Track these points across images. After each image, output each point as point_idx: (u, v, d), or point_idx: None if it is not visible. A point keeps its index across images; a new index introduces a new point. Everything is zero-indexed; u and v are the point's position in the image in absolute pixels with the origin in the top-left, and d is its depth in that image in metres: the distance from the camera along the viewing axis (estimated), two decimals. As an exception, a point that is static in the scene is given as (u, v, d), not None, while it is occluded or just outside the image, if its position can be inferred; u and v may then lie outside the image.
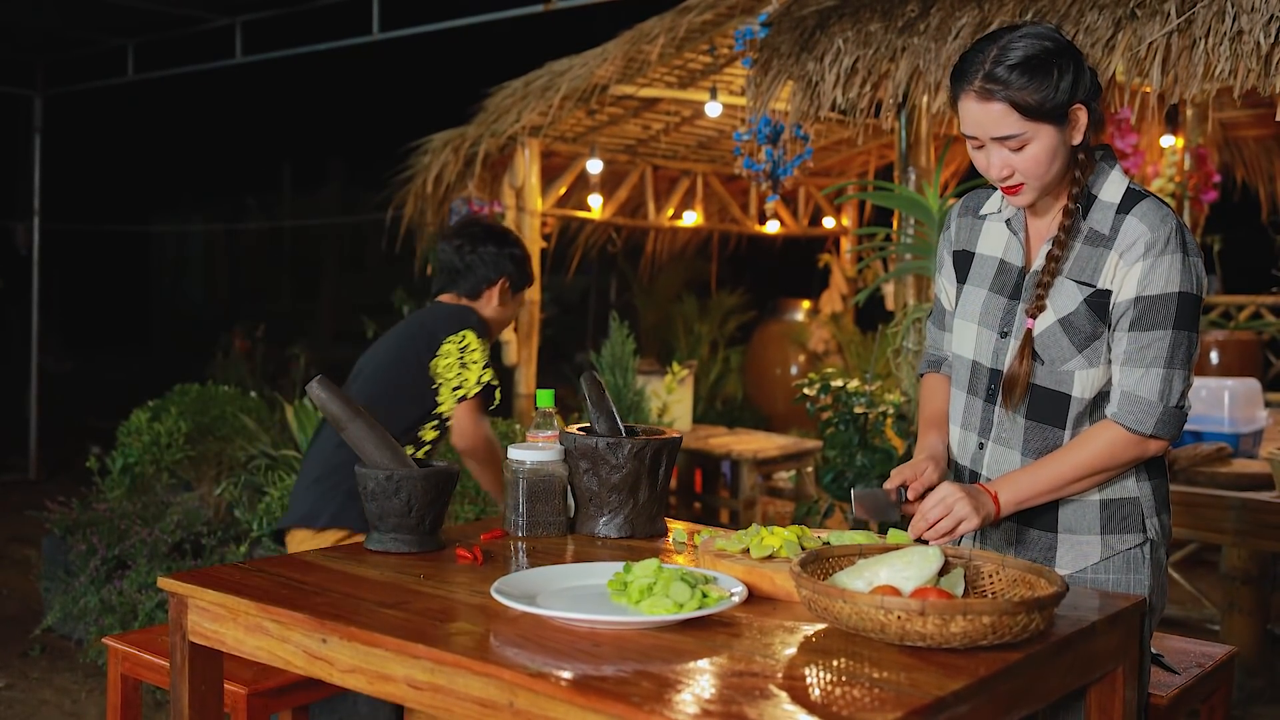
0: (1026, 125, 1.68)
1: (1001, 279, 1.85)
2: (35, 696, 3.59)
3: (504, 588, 1.56)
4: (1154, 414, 1.71)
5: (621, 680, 1.28)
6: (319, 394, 1.89)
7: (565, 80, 5.00)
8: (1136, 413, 1.72)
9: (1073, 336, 1.76)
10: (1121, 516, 1.79)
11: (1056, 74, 1.68)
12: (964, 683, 1.29)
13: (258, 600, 1.58)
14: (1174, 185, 5.33)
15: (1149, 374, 1.71)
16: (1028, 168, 1.72)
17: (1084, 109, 1.71)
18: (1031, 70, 1.67)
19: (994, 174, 1.75)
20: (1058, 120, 1.70)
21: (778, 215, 7.11)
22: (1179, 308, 1.70)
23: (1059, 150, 1.72)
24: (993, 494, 1.73)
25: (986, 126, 1.71)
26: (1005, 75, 1.67)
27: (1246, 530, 3.16)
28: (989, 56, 1.69)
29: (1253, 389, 3.68)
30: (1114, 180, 1.78)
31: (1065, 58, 1.70)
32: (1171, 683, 2.00)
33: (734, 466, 5.26)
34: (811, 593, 1.43)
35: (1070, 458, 1.74)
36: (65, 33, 6.85)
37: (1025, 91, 1.67)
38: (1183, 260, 1.71)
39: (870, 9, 3.52)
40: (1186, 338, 1.71)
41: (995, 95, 1.68)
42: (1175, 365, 1.71)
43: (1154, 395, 1.71)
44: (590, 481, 1.99)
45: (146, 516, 3.92)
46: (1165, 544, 1.83)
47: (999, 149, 1.72)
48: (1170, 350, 1.71)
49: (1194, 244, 1.73)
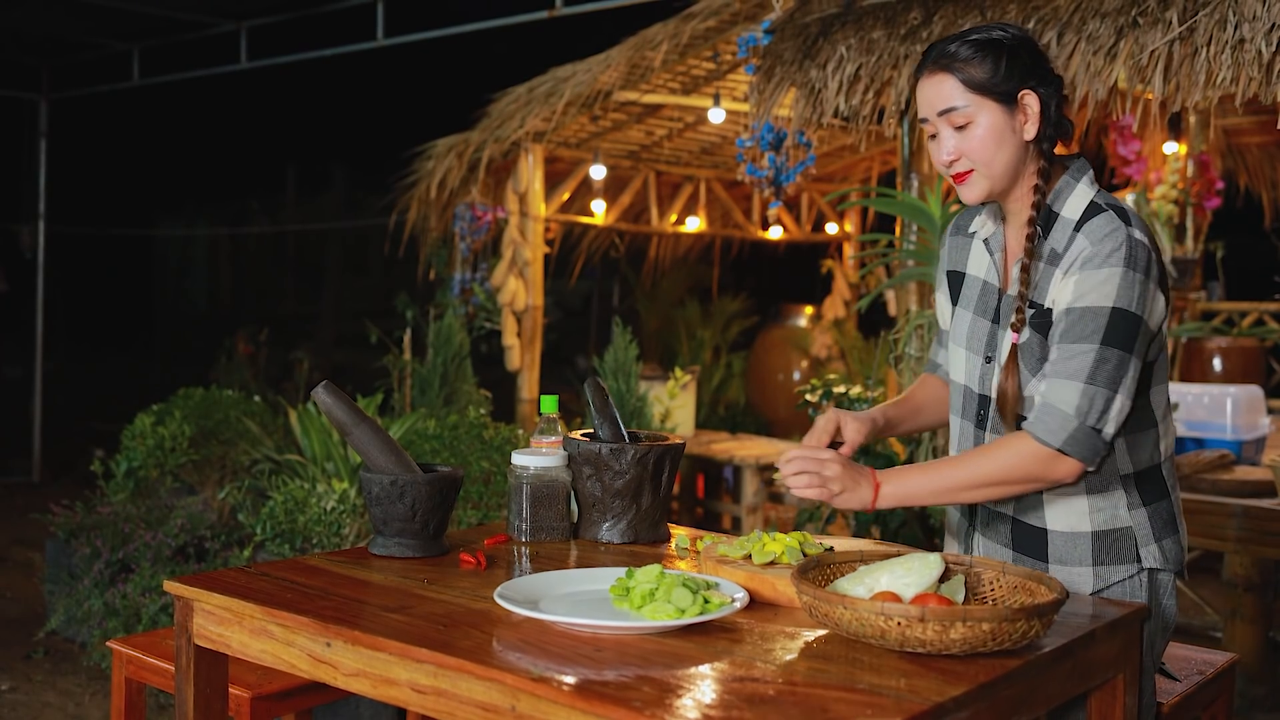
0: (971, 98, 1.68)
1: (984, 301, 1.82)
2: (38, 699, 3.60)
3: (507, 593, 1.56)
4: (1066, 428, 1.62)
5: (623, 685, 1.29)
6: (324, 399, 1.90)
7: (569, 86, 5.02)
8: (1048, 423, 1.63)
9: (1028, 360, 1.72)
10: (1114, 547, 1.74)
11: (1006, 56, 1.69)
12: (964, 689, 1.29)
13: (263, 604, 1.59)
14: (1176, 192, 5.33)
15: (1068, 386, 1.62)
16: (973, 149, 1.69)
17: (1035, 96, 1.70)
18: (980, 48, 1.69)
19: (942, 158, 1.73)
20: (1005, 101, 1.69)
21: (780, 221, 7.12)
22: (1110, 323, 1.61)
23: (1006, 136, 1.69)
24: (876, 482, 1.67)
25: (933, 101, 1.71)
26: (954, 51, 1.70)
27: (1249, 537, 3.17)
28: (944, 41, 1.74)
29: (1255, 396, 3.69)
30: (1079, 194, 1.72)
31: (1020, 45, 1.71)
32: (1173, 690, 2.01)
33: (736, 472, 5.27)
34: (812, 599, 1.44)
35: (968, 464, 1.67)
36: (71, 37, 6.88)
37: (971, 64, 1.69)
38: (1123, 275, 1.62)
39: (873, 17, 3.54)
40: (1117, 356, 1.61)
41: (942, 68, 1.71)
42: (1098, 383, 1.61)
43: (1070, 409, 1.62)
44: (594, 487, 2.00)
45: (150, 520, 3.93)
46: (1175, 568, 1.77)
47: (947, 130, 1.71)
48: (1094, 366, 1.61)
49: (1145, 260, 1.64)
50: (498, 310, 5.57)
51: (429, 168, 5.65)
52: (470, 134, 5.51)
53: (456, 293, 5.60)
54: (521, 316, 5.60)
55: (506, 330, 5.55)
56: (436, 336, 5.15)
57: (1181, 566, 1.79)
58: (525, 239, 5.58)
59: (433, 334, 5.18)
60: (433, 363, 5.11)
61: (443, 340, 5.12)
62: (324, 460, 3.84)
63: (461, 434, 3.72)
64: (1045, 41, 3.08)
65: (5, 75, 7.43)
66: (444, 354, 5.11)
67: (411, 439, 3.78)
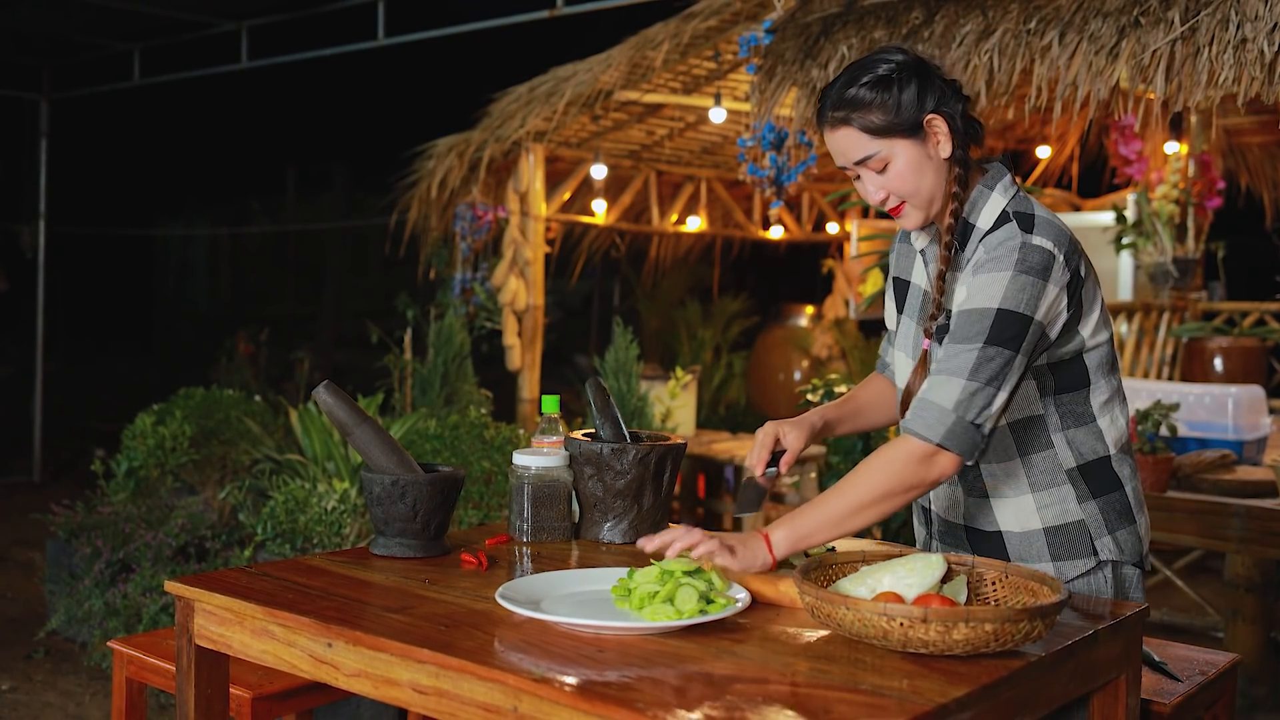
0: (879, 144, 1.70)
1: (923, 309, 1.84)
2: (39, 699, 3.60)
3: (509, 593, 1.56)
4: (945, 422, 1.61)
5: (625, 686, 1.29)
6: (326, 399, 1.90)
7: (570, 86, 5.02)
8: (926, 418, 1.62)
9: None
10: (1068, 541, 1.74)
11: (897, 89, 1.68)
12: (966, 690, 1.29)
13: (264, 604, 1.59)
14: (1178, 192, 5.33)
15: (948, 382, 1.62)
16: (897, 185, 1.72)
17: (940, 118, 1.70)
18: (872, 90, 1.69)
19: (873, 200, 1.76)
20: (912, 133, 1.69)
21: (781, 221, 7.12)
22: (995, 323, 1.62)
23: (924, 164, 1.71)
24: (764, 535, 1.63)
25: (844, 153, 1.73)
26: (847, 101, 1.70)
27: (1250, 538, 3.16)
28: (835, 88, 1.73)
29: (1257, 396, 3.68)
30: (992, 204, 1.74)
31: (907, 72, 1.70)
32: (1174, 690, 2.00)
33: (737, 472, 5.27)
34: (815, 599, 1.44)
35: (848, 488, 1.63)
36: (72, 37, 6.88)
37: (867, 111, 1.69)
38: (1011, 278, 1.63)
39: (874, 16, 3.53)
40: (1000, 354, 1.61)
41: (841, 122, 1.71)
42: (978, 379, 1.61)
43: (948, 403, 1.61)
44: (595, 487, 2.00)
45: (151, 520, 3.92)
46: (1132, 559, 1.77)
47: (869, 174, 1.73)
48: (976, 364, 1.61)
49: (1040, 264, 1.63)
50: (498, 310, 5.57)
51: (430, 167, 5.65)
52: (471, 134, 5.50)
53: (457, 292, 5.60)
54: (522, 316, 5.60)
55: (507, 330, 5.54)
56: (437, 336, 5.15)
57: (1140, 558, 1.79)
58: (526, 239, 5.58)
59: (433, 334, 5.18)
60: (433, 363, 5.11)
61: (443, 340, 5.12)
62: (325, 460, 3.84)
63: (462, 434, 3.71)
64: (1047, 42, 3.08)
65: (6, 75, 7.43)
66: (445, 354, 5.11)
67: (412, 439, 3.78)
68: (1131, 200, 5.45)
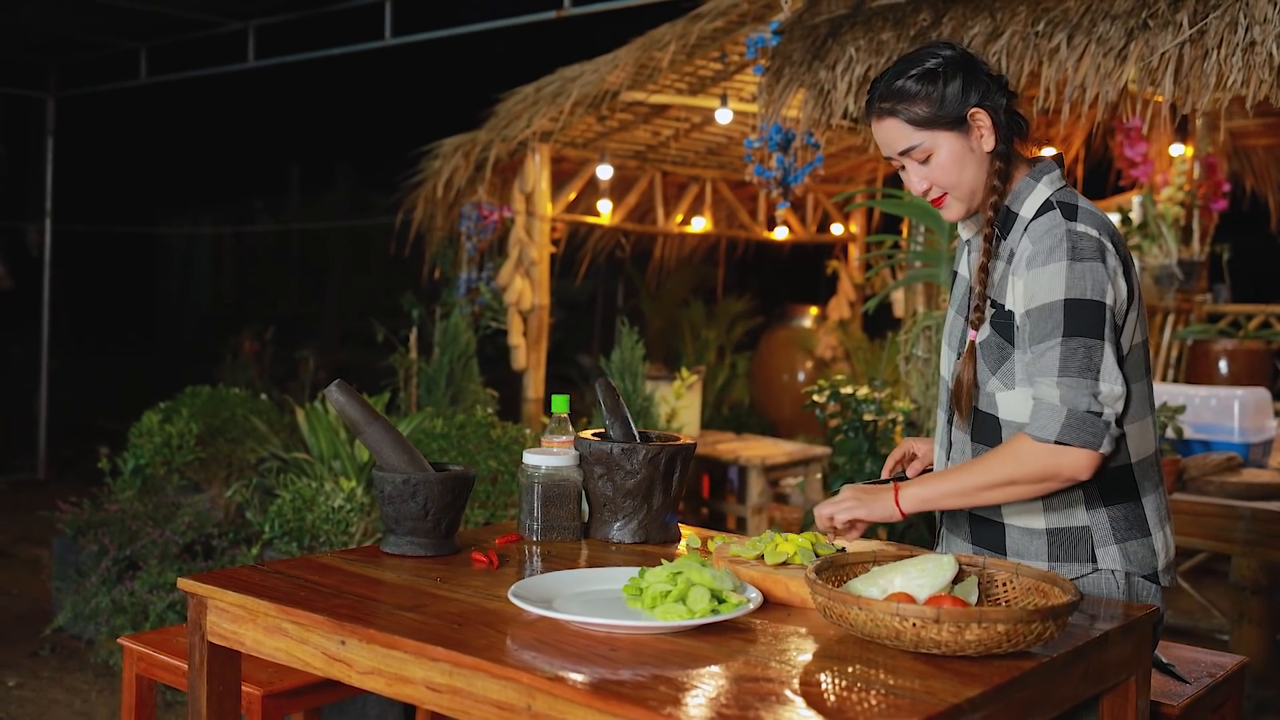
0: (923, 135, 1.75)
1: (964, 299, 1.87)
2: (45, 696, 3.61)
3: (521, 592, 1.57)
4: (1058, 419, 1.64)
5: (638, 684, 1.29)
6: (337, 398, 1.90)
7: (576, 86, 5.02)
8: (1040, 419, 1.66)
9: (986, 357, 1.76)
10: (1068, 546, 1.76)
11: (943, 82, 1.73)
12: (979, 690, 1.30)
13: (277, 601, 1.59)
14: (1183, 194, 5.33)
15: (1046, 383, 1.66)
16: (939, 177, 1.77)
17: (984, 113, 1.74)
18: (918, 82, 1.74)
19: (916, 190, 1.81)
20: (956, 126, 1.74)
21: (786, 222, 7.13)
22: (1067, 315, 1.65)
23: (966, 157, 1.75)
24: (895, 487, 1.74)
25: (889, 144, 1.79)
26: (894, 92, 1.75)
27: (1256, 540, 3.16)
28: (883, 80, 1.78)
29: (1262, 398, 3.68)
30: (1036, 194, 1.77)
31: (954, 66, 1.75)
32: (1182, 692, 2.01)
33: (741, 473, 5.27)
34: (827, 599, 1.44)
35: (979, 467, 1.71)
36: (78, 36, 6.89)
37: (913, 103, 1.74)
38: (1068, 267, 1.66)
39: (882, 18, 3.54)
40: (1083, 344, 1.64)
41: (887, 113, 1.77)
42: (1070, 373, 1.64)
43: (1055, 400, 1.65)
44: (605, 487, 2.00)
45: (157, 517, 3.93)
46: (1143, 571, 1.76)
47: (913, 165, 1.78)
48: (1063, 360, 1.64)
49: (1091, 249, 1.67)
50: (503, 310, 5.58)
51: (436, 167, 5.66)
52: (477, 133, 5.51)
53: (462, 292, 5.61)
54: (527, 316, 5.61)
55: (512, 330, 5.55)
56: (443, 336, 5.16)
57: (1154, 571, 1.77)
58: (531, 238, 5.58)
59: (439, 333, 5.19)
60: (439, 362, 5.12)
61: (449, 339, 5.13)
62: (331, 459, 3.85)
63: (469, 433, 3.72)
64: (1055, 44, 3.08)
65: (12, 73, 7.44)
66: (450, 353, 5.11)
67: (419, 438, 3.79)
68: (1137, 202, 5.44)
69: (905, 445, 2.03)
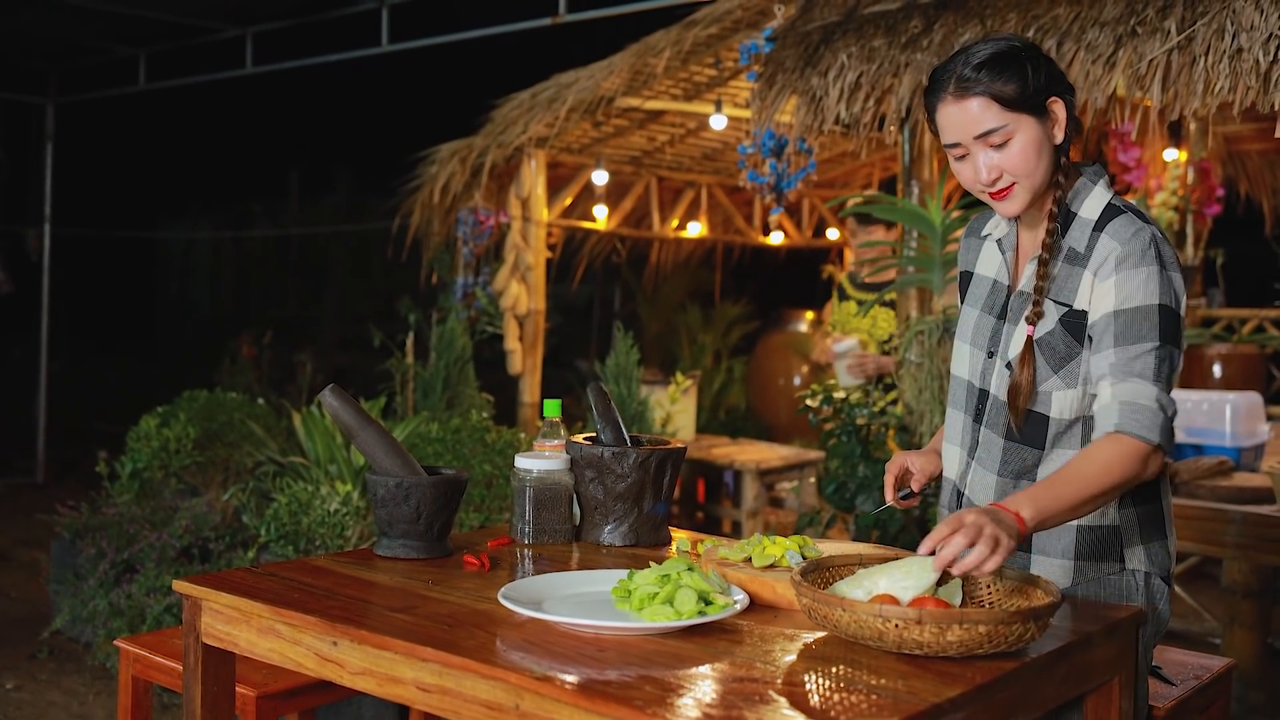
0: (1008, 116, 1.69)
1: (992, 299, 1.86)
2: (43, 698, 3.62)
3: (511, 593, 1.59)
4: (1158, 422, 1.63)
5: (625, 684, 1.31)
6: (331, 402, 1.92)
7: (572, 92, 5.05)
8: (1143, 420, 1.62)
9: (1049, 356, 1.74)
10: (1098, 545, 1.76)
11: (1029, 67, 1.70)
12: (960, 690, 1.31)
13: (271, 603, 1.61)
14: (1177, 199, 5.35)
15: (1144, 385, 1.65)
16: (1015, 164, 1.70)
17: (1061, 103, 1.72)
18: (1002, 63, 1.69)
19: (983, 179, 1.72)
20: (1037, 112, 1.70)
21: (781, 226, 7.15)
22: (1162, 321, 1.66)
23: (1044, 145, 1.71)
24: (1014, 512, 1.54)
25: (968, 126, 1.70)
26: (977, 73, 1.69)
27: (1247, 544, 3.18)
28: (958, 63, 1.72)
29: (1255, 402, 3.70)
30: (1095, 196, 1.76)
31: (1032, 53, 1.73)
32: (1168, 694, 2.02)
33: (737, 477, 5.29)
34: (812, 601, 1.46)
35: (1080, 479, 1.60)
36: (78, 42, 6.91)
37: (1000, 82, 1.68)
38: (1160, 274, 1.67)
39: (874, 25, 3.56)
40: (1169, 353, 1.67)
41: (971, 91, 1.69)
42: (1161, 380, 1.66)
43: (1153, 403, 1.64)
44: (596, 490, 2.02)
45: (155, 521, 3.95)
46: (1162, 572, 1.78)
47: (983, 151, 1.71)
48: (1158, 364, 1.65)
49: (1172, 258, 1.70)
50: (500, 314, 5.60)
51: (432, 172, 5.68)
52: (474, 139, 5.53)
53: (459, 297, 5.63)
54: (523, 321, 5.63)
55: (508, 334, 5.57)
56: (439, 340, 5.17)
57: (1167, 572, 1.81)
58: (528, 244, 5.60)
59: (435, 338, 5.21)
60: (435, 366, 5.13)
61: (445, 344, 5.15)
62: (327, 463, 3.87)
63: (464, 437, 3.74)
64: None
65: (12, 79, 7.46)
66: (446, 358, 5.13)
67: (414, 442, 3.81)
68: (1131, 207, 5.46)
69: (899, 461, 1.95)
